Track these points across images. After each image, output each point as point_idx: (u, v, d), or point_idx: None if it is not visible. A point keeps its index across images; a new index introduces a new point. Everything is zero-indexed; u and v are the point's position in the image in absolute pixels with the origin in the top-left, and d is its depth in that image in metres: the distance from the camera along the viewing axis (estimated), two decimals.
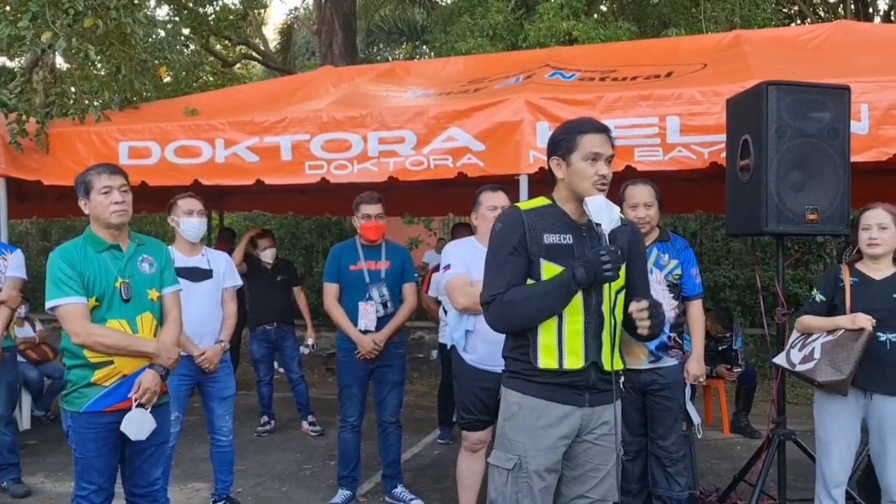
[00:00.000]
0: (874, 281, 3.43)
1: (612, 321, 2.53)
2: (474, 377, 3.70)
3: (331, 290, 4.55)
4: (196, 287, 4.03)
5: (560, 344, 2.47)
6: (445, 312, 4.36)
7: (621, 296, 2.57)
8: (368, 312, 4.43)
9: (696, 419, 4.05)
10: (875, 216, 3.41)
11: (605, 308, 2.51)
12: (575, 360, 2.47)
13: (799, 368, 3.48)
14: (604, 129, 2.53)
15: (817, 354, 3.40)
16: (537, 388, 2.50)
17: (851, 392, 3.37)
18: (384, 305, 4.46)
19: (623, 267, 2.51)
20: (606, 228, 2.44)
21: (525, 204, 2.61)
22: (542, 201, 2.59)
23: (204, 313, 4.08)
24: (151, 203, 5.72)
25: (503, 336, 3.22)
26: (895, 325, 3.33)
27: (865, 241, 3.43)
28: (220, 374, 4.17)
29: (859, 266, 3.51)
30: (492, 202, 3.74)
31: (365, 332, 4.42)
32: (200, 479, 5.05)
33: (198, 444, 5.46)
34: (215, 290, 4.21)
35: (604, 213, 2.42)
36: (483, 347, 3.63)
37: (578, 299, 2.46)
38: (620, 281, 2.52)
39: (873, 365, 3.33)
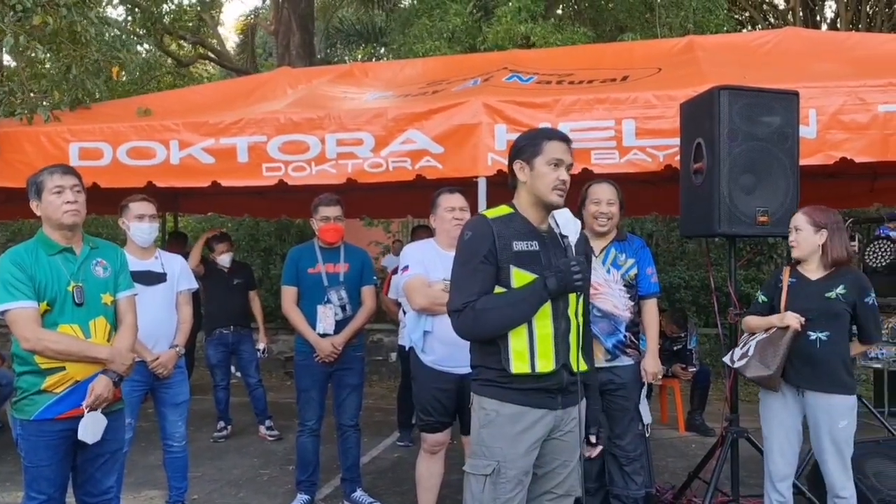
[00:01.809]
0: (810, 281, 3.55)
1: (577, 323, 2.61)
2: (433, 378, 3.71)
3: (289, 294, 4.51)
4: (149, 291, 3.95)
5: (531, 348, 2.53)
6: (405, 314, 4.36)
7: (582, 298, 2.65)
8: (327, 316, 4.40)
9: (646, 418, 4.11)
10: (793, 220, 3.57)
11: (571, 311, 2.60)
12: (546, 364, 2.53)
13: (737, 365, 3.64)
14: (567, 139, 2.67)
15: (751, 352, 3.56)
16: (513, 395, 2.55)
17: (788, 389, 3.51)
18: (343, 309, 4.44)
19: None
20: (573, 240, 2.57)
21: (490, 212, 2.66)
22: (505, 210, 2.66)
23: (158, 317, 4.00)
24: (104, 205, 5.59)
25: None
26: (825, 325, 3.44)
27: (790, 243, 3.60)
28: (173, 380, 4.09)
29: (799, 267, 3.64)
30: (450, 203, 3.77)
31: (323, 335, 4.39)
32: (154, 487, 4.96)
33: (151, 451, 5.36)
34: (169, 294, 4.13)
35: (570, 226, 2.56)
36: (441, 348, 3.64)
37: (547, 304, 2.53)
38: None
39: (804, 362, 3.45)
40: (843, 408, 3.43)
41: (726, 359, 3.78)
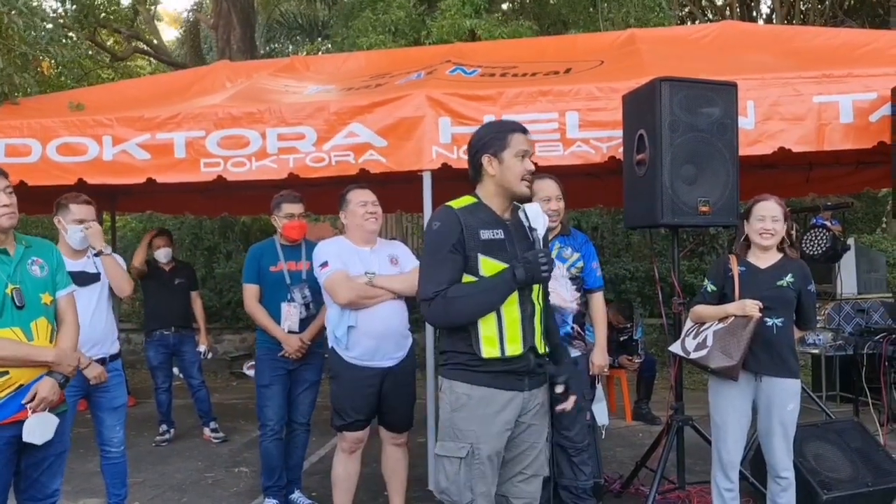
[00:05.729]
0: (760, 269, 3.57)
1: (540, 307, 2.72)
2: (357, 376, 3.67)
3: (251, 292, 4.38)
4: (84, 292, 3.77)
5: (501, 333, 2.61)
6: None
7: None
8: (291, 314, 4.30)
9: (602, 419, 4.12)
10: (769, 208, 3.51)
11: (535, 296, 2.69)
12: (515, 347, 2.61)
13: (693, 356, 3.61)
14: (526, 130, 2.77)
15: (710, 342, 3.53)
16: (484, 377, 2.62)
17: (743, 375, 3.50)
18: (307, 307, 4.33)
19: None
20: (541, 233, 2.67)
21: (456, 203, 2.71)
22: (469, 199, 2.73)
23: (94, 319, 3.85)
24: (32, 204, 5.35)
25: (390, 330, 3.55)
26: (780, 311, 3.48)
27: (758, 230, 3.52)
28: (110, 384, 3.94)
29: (746, 255, 3.65)
30: (361, 198, 3.76)
31: (288, 333, 4.30)
32: (94, 495, 4.79)
33: (90, 457, 5.17)
34: (105, 294, 3.99)
35: (539, 219, 2.66)
36: (367, 342, 3.62)
37: (515, 291, 2.62)
38: None
39: (761, 348, 3.47)
40: (793, 391, 3.49)
41: (675, 348, 3.76)
